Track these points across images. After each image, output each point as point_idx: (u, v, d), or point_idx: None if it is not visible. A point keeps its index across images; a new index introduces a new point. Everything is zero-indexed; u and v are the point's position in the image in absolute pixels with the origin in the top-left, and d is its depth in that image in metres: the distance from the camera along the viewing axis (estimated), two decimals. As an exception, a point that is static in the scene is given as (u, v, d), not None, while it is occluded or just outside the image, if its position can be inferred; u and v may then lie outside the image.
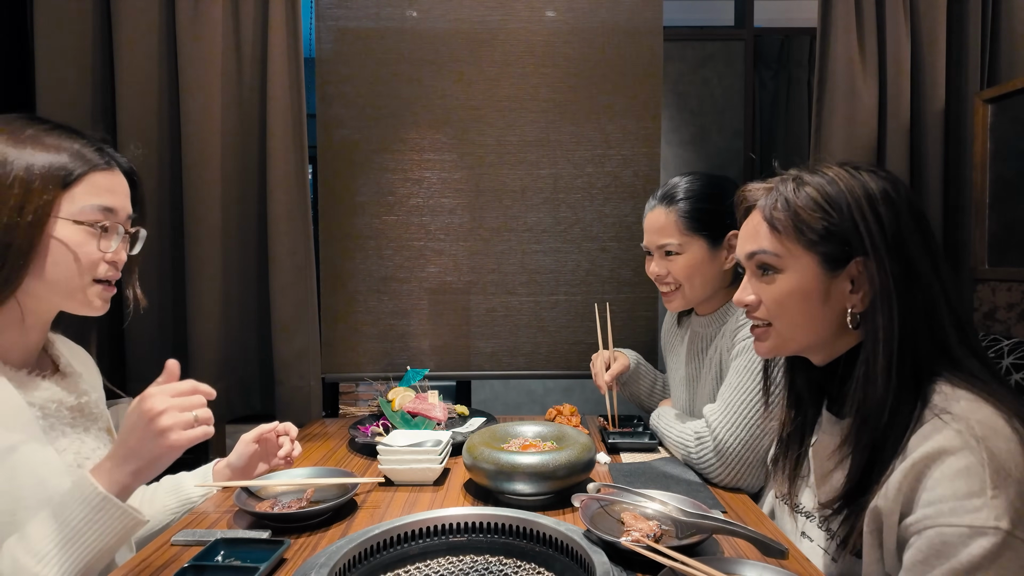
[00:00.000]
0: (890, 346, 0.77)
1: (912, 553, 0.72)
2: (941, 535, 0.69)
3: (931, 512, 0.71)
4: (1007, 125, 1.61)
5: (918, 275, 0.78)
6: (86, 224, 0.87)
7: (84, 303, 0.90)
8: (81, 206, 0.87)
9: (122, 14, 1.59)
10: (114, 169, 0.92)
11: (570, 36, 1.76)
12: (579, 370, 1.82)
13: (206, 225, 1.62)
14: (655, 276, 1.36)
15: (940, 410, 0.74)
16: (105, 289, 0.92)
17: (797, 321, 0.85)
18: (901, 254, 0.78)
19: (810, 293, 0.83)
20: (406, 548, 0.87)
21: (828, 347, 0.87)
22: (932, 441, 0.72)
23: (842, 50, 1.66)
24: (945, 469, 0.71)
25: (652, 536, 0.85)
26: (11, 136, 0.84)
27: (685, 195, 1.30)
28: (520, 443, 1.17)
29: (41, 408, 0.89)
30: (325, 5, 1.75)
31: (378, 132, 1.76)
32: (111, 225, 0.90)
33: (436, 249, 1.80)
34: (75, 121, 1.56)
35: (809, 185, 0.83)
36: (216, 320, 1.65)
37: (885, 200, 0.79)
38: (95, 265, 0.89)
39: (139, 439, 0.79)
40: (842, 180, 0.82)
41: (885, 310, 0.78)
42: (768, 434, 1.16)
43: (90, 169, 0.88)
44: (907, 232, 0.79)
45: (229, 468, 1.12)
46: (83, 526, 0.77)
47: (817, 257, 0.82)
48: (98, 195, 0.88)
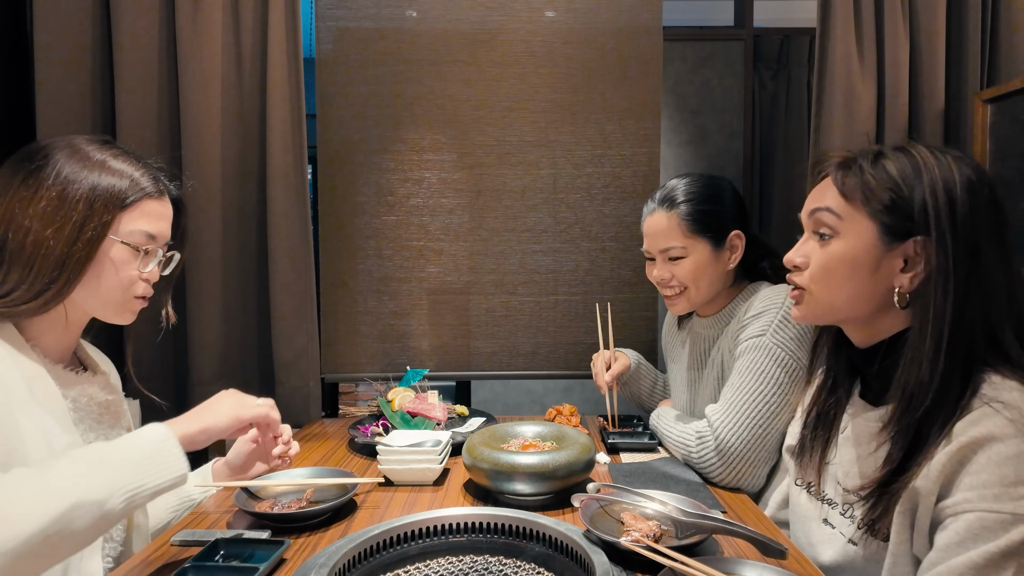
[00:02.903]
0: (940, 329, 0.76)
1: (947, 535, 0.71)
2: (981, 520, 0.69)
3: (972, 496, 0.70)
4: (1007, 125, 1.61)
5: (983, 264, 0.77)
6: (131, 246, 0.95)
7: (119, 315, 0.99)
8: (131, 229, 0.95)
9: (122, 14, 1.59)
10: (164, 198, 1.01)
11: (570, 36, 1.76)
12: (579, 370, 1.81)
13: (206, 225, 1.62)
14: (659, 280, 1.34)
15: (990, 399, 0.73)
16: (139, 303, 1.00)
17: (839, 290, 0.85)
18: (969, 240, 0.77)
19: (861, 261, 0.83)
20: (406, 548, 0.87)
21: (868, 326, 0.87)
22: (981, 426, 0.72)
23: (841, 50, 1.66)
24: (992, 455, 0.70)
25: (652, 536, 0.85)
26: (84, 159, 0.93)
27: (686, 197, 1.29)
28: (520, 443, 1.17)
29: (74, 401, 0.95)
30: (325, 5, 1.75)
31: (378, 132, 1.76)
32: (151, 249, 0.98)
33: (436, 249, 1.80)
34: (75, 122, 1.58)
35: (888, 159, 0.83)
36: (216, 320, 1.65)
37: (965, 186, 0.78)
38: (133, 283, 0.97)
39: (216, 400, 0.97)
40: (924, 159, 0.81)
41: (940, 292, 0.77)
42: (772, 435, 1.16)
43: (143, 196, 0.96)
44: (981, 221, 0.78)
45: (227, 467, 1.14)
46: (139, 458, 0.79)
47: (878, 227, 0.82)
48: (147, 221, 0.97)
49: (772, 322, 1.20)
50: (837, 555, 0.88)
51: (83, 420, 0.95)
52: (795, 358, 1.17)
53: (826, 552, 0.90)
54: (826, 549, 0.90)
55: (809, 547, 0.94)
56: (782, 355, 1.17)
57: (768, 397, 1.16)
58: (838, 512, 0.91)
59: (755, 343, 1.20)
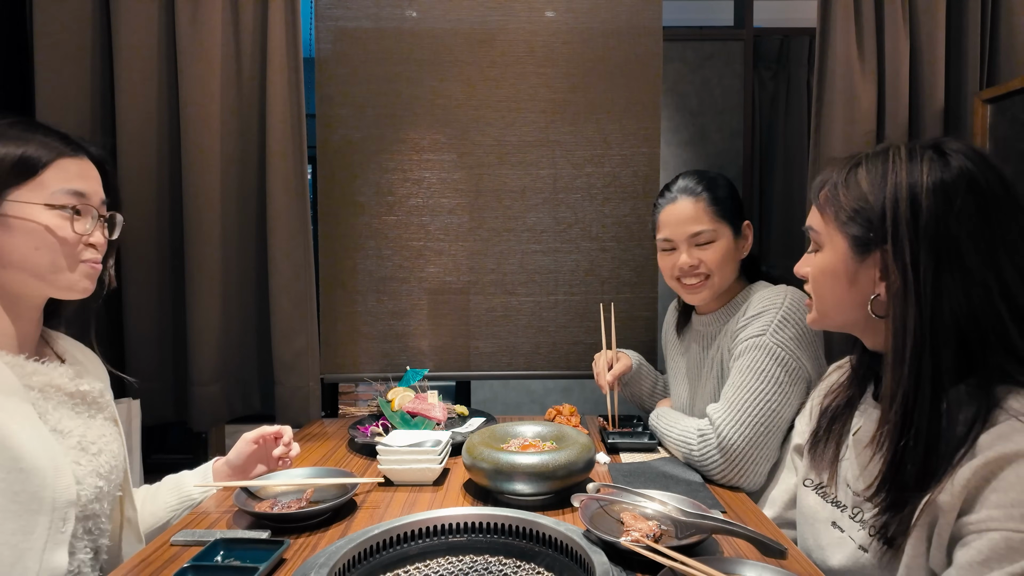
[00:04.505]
0: (918, 334, 0.76)
1: (970, 553, 0.69)
2: (1008, 540, 0.67)
3: (999, 515, 0.68)
4: (1006, 125, 1.61)
5: (959, 267, 0.75)
6: (57, 207, 0.90)
7: (68, 286, 0.94)
8: (52, 191, 0.90)
9: (122, 14, 1.59)
10: (82, 156, 0.96)
11: (570, 36, 1.76)
12: (578, 370, 1.81)
13: (205, 225, 1.62)
14: (684, 268, 1.32)
15: (1017, 412, 0.71)
16: (90, 267, 0.95)
17: (829, 299, 0.89)
18: (938, 246, 0.75)
19: (839, 273, 0.86)
20: (406, 548, 0.87)
21: (870, 331, 0.88)
22: (1011, 442, 0.69)
23: (841, 50, 1.66)
24: (1022, 472, 0.68)
25: (652, 536, 0.85)
26: None
27: (709, 185, 1.32)
28: (520, 443, 1.17)
29: (41, 391, 0.92)
30: (325, 5, 1.75)
31: (378, 132, 1.76)
32: (83, 208, 0.93)
33: (436, 249, 1.80)
34: (75, 122, 1.58)
35: (863, 167, 0.84)
36: (215, 320, 1.65)
37: (933, 189, 0.76)
38: (74, 246, 0.92)
39: None
40: (895, 165, 0.80)
41: (901, 301, 0.77)
42: (773, 433, 1.16)
43: (57, 156, 0.92)
44: (956, 223, 0.75)
45: (228, 466, 1.14)
46: None
47: (848, 240, 0.84)
48: (68, 180, 0.92)
49: (772, 322, 1.20)
50: (847, 560, 0.86)
51: (57, 408, 0.93)
52: (795, 357, 1.17)
53: (835, 556, 0.88)
54: (835, 553, 0.89)
55: (817, 550, 0.93)
56: (782, 354, 1.18)
57: (769, 396, 1.16)
58: (847, 516, 0.89)
59: (755, 343, 1.21)
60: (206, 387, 1.64)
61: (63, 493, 0.86)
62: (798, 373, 1.18)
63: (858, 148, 0.91)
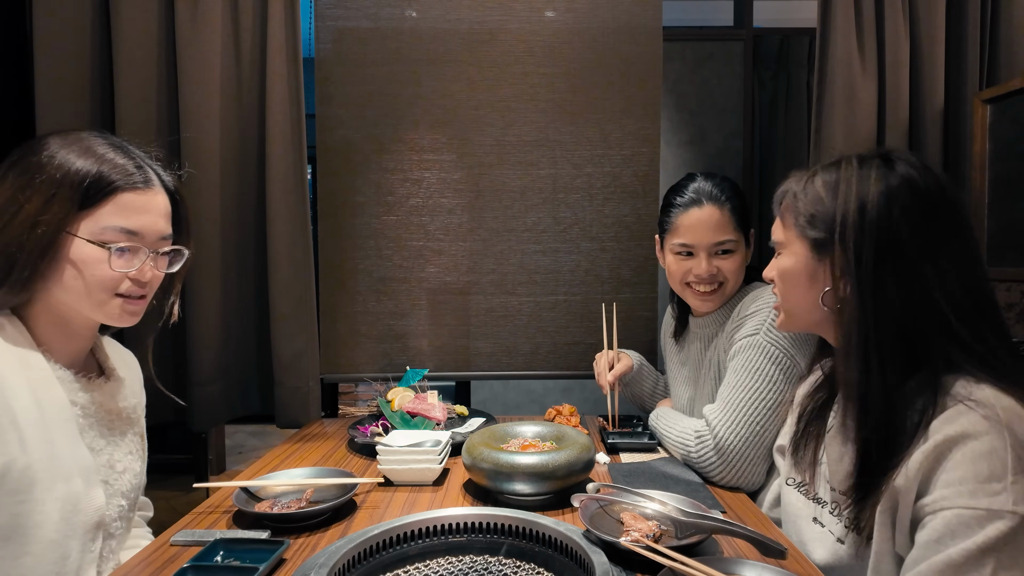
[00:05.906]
0: (863, 325, 0.81)
1: (926, 533, 0.73)
2: (959, 516, 0.70)
3: (949, 493, 0.72)
4: (1006, 125, 1.61)
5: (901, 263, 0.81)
6: (98, 244, 0.87)
7: (106, 317, 0.92)
8: (103, 226, 0.87)
9: (122, 14, 1.58)
10: (150, 189, 0.92)
11: (570, 36, 1.76)
12: (578, 370, 1.81)
13: (205, 225, 1.62)
14: (702, 276, 1.31)
15: (963, 397, 0.75)
16: (127, 303, 0.92)
17: (792, 299, 0.95)
18: (881, 248, 0.82)
19: (797, 273, 0.93)
20: (406, 548, 0.87)
21: (831, 331, 0.92)
22: (956, 424, 0.74)
23: (841, 50, 1.66)
24: (967, 452, 0.72)
25: (651, 536, 0.85)
26: (64, 140, 0.88)
27: (731, 193, 1.32)
28: (519, 443, 1.17)
29: (83, 408, 0.91)
30: (324, 5, 1.74)
31: (377, 132, 1.76)
32: (132, 247, 0.90)
33: (435, 249, 1.79)
34: (75, 122, 1.58)
35: (819, 177, 0.90)
36: (215, 320, 1.65)
37: (879, 196, 0.83)
38: (107, 283, 0.89)
39: None
40: (846, 175, 0.87)
41: (853, 294, 0.83)
42: (770, 432, 1.17)
43: (119, 189, 0.88)
44: (898, 223, 0.82)
45: None
46: None
47: (807, 243, 0.90)
48: (124, 216, 0.89)
49: (766, 321, 1.21)
50: (827, 554, 0.89)
51: (93, 427, 0.93)
52: (789, 355, 1.17)
53: (817, 551, 0.91)
54: (817, 548, 0.92)
55: (800, 546, 0.95)
56: (776, 353, 1.18)
57: (764, 395, 1.16)
58: (827, 511, 0.92)
59: (750, 342, 1.21)
60: (206, 387, 1.64)
61: (93, 515, 0.87)
62: (793, 371, 1.18)
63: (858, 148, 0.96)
